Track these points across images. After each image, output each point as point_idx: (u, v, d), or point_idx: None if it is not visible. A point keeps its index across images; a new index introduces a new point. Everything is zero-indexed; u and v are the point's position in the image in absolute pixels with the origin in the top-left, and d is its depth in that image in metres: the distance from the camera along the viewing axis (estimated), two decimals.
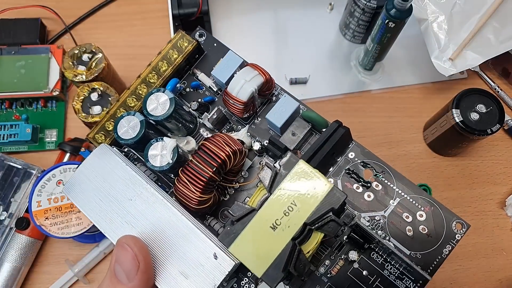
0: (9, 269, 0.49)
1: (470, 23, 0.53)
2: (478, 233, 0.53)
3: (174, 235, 0.32)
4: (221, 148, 0.34)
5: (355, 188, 0.37)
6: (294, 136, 0.38)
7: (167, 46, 0.40)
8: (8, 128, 0.55)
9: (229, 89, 0.37)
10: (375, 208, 0.36)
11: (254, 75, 0.37)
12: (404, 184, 0.37)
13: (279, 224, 0.31)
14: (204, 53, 0.42)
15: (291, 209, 0.31)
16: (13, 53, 0.57)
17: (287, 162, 0.33)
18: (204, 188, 0.34)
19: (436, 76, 0.56)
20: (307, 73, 0.59)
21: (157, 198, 0.33)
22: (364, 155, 0.38)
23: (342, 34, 0.62)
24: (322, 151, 0.36)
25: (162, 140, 0.34)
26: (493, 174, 0.55)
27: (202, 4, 0.53)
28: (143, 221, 0.33)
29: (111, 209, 0.33)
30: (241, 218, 0.32)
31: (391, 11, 0.47)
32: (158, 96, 0.35)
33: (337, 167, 0.38)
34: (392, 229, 0.36)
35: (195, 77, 0.42)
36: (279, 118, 0.37)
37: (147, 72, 0.40)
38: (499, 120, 0.49)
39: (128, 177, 0.34)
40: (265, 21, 0.63)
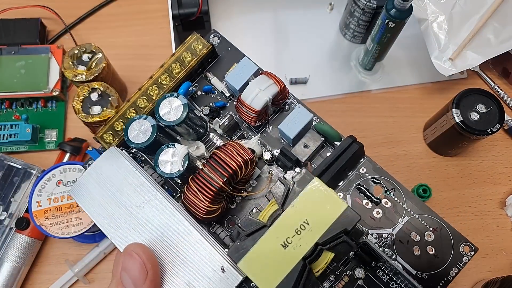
0: (9, 269, 0.49)
1: (470, 23, 0.53)
2: (478, 233, 0.53)
3: (182, 245, 0.32)
4: (233, 158, 0.34)
5: (365, 204, 0.37)
6: (306, 149, 0.37)
7: (181, 48, 0.39)
8: (8, 128, 0.55)
9: (243, 97, 0.37)
10: (384, 226, 0.36)
11: (269, 84, 0.36)
12: (414, 202, 0.36)
13: (290, 242, 0.30)
14: (218, 56, 0.42)
15: (303, 228, 0.30)
16: (13, 53, 0.57)
17: (302, 178, 0.32)
18: (213, 198, 0.33)
19: (436, 76, 0.56)
20: (307, 73, 0.59)
21: (166, 206, 0.33)
22: (375, 171, 0.37)
23: (342, 34, 0.62)
24: (335, 166, 0.35)
25: (173, 146, 0.33)
26: (493, 174, 0.55)
27: (202, 4, 0.53)
28: (151, 229, 0.32)
29: (119, 214, 0.33)
30: (252, 233, 0.31)
31: (391, 11, 0.47)
32: (171, 101, 0.35)
33: (347, 181, 0.37)
34: (399, 248, 0.36)
35: (208, 81, 0.41)
36: (292, 129, 0.37)
37: (159, 74, 0.39)
38: (499, 120, 0.49)
39: (137, 183, 0.33)
40: (265, 21, 0.63)
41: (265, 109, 0.37)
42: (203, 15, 0.54)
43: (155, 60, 0.61)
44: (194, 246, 0.32)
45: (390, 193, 0.37)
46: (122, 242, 0.32)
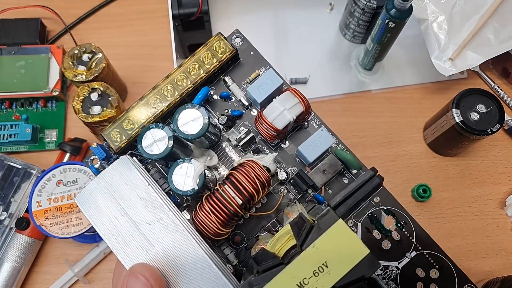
0: (9, 269, 0.49)
1: (470, 23, 0.53)
2: (478, 233, 0.53)
3: (191, 269, 0.30)
4: (251, 181, 0.32)
5: (375, 234, 0.36)
6: (324, 174, 0.36)
7: (202, 48, 0.37)
8: (8, 128, 0.55)
9: (265, 113, 0.35)
10: (391, 258, 0.36)
11: (294, 104, 0.35)
12: (424, 238, 0.36)
13: (307, 283, 0.29)
14: (239, 60, 0.39)
15: (322, 270, 0.29)
16: (13, 53, 0.57)
17: (326, 219, 0.30)
18: (226, 221, 0.32)
19: (436, 76, 0.56)
20: (307, 73, 0.59)
21: (178, 227, 0.31)
22: (389, 201, 0.37)
23: (342, 34, 0.62)
24: (353, 198, 0.34)
25: (189, 161, 0.32)
26: (493, 174, 0.55)
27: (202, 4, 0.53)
28: (159, 249, 0.31)
29: (127, 230, 0.31)
30: (267, 269, 0.29)
31: (391, 11, 0.47)
32: (191, 113, 0.33)
33: (360, 209, 0.37)
34: (404, 282, 0.35)
35: (226, 86, 0.39)
36: (311, 153, 0.36)
37: (176, 74, 0.37)
38: (499, 120, 0.49)
39: (149, 199, 0.31)
40: (265, 21, 0.63)
41: (286, 127, 0.36)
42: (203, 15, 0.54)
43: (155, 60, 0.61)
44: (204, 272, 0.30)
45: (401, 226, 0.37)
46: (128, 259, 0.31)
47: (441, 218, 0.53)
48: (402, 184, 0.55)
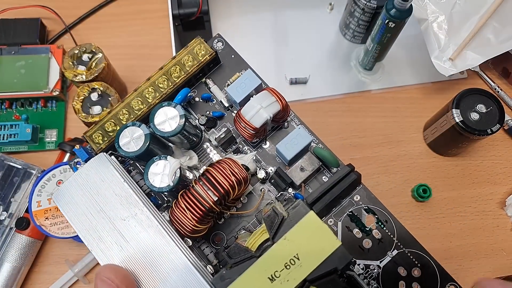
0: (9, 269, 0.49)
1: (470, 23, 0.53)
2: (478, 233, 0.53)
3: (165, 265, 0.30)
4: (226, 177, 0.32)
5: (355, 232, 0.36)
6: (302, 172, 0.36)
7: (183, 51, 0.38)
8: (8, 128, 0.55)
9: (242, 112, 0.35)
10: (372, 257, 0.36)
11: (271, 102, 0.35)
12: (405, 237, 0.36)
13: (278, 276, 0.29)
14: (220, 63, 0.40)
15: (293, 263, 0.29)
16: (13, 53, 0.57)
17: (297, 211, 0.30)
18: (201, 218, 0.32)
19: (436, 76, 0.56)
20: (307, 73, 0.59)
21: (152, 223, 0.31)
22: (369, 200, 0.37)
23: (342, 34, 0.62)
24: (330, 194, 0.35)
25: (165, 159, 0.32)
26: (493, 174, 0.55)
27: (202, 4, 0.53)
28: (134, 245, 0.31)
29: (102, 226, 0.31)
30: (239, 263, 0.30)
31: (391, 11, 0.47)
32: (168, 111, 0.33)
33: (340, 208, 0.37)
34: (385, 281, 0.35)
35: (207, 88, 0.40)
36: (289, 151, 0.36)
37: (157, 76, 0.38)
38: (499, 120, 0.49)
39: (124, 195, 0.32)
40: (265, 21, 0.63)
41: (264, 126, 0.36)
42: (203, 15, 0.54)
43: (155, 60, 0.61)
44: (177, 267, 0.30)
45: (382, 225, 0.36)
46: (103, 256, 0.31)
47: (441, 218, 0.53)
48: (402, 184, 0.55)
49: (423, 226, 0.53)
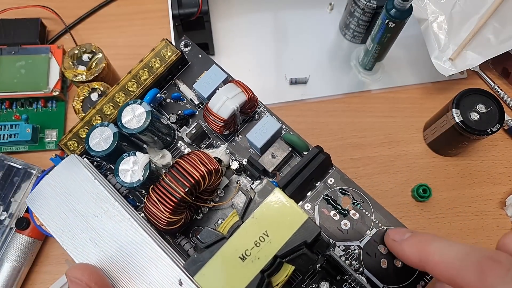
0: (9, 269, 0.49)
1: (470, 23, 0.53)
2: (478, 233, 0.53)
3: (140, 257, 0.31)
4: (196, 167, 0.32)
5: (332, 215, 0.36)
6: (274, 158, 0.37)
7: (149, 54, 0.39)
8: (8, 128, 0.55)
9: (210, 104, 0.36)
10: (351, 238, 0.36)
11: (237, 93, 0.36)
12: (382, 214, 0.36)
13: (249, 255, 0.29)
14: (188, 64, 0.41)
15: (263, 240, 0.30)
16: (13, 53, 0.57)
17: (263, 189, 0.31)
18: (174, 208, 0.32)
19: (436, 76, 0.56)
20: (307, 73, 0.59)
21: (124, 217, 0.32)
22: (343, 181, 0.37)
23: (342, 34, 0.62)
24: (300, 176, 0.35)
25: (134, 154, 0.33)
26: (493, 174, 0.55)
27: (202, 4, 0.53)
28: (108, 240, 0.31)
29: (75, 224, 0.32)
30: (210, 245, 0.30)
31: (391, 11, 0.47)
32: (134, 108, 0.34)
33: (315, 192, 0.37)
34: (367, 260, 0.35)
35: (177, 88, 0.40)
36: (259, 139, 0.36)
37: (126, 80, 0.38)
38: (499, 120, 0.49)
39: (95, 192, 0.32)
40: (265, 21, 0.63)
41: (233, 117, 0.37)
42: (203, 15, 0.54)
43: None
44: (152, 258, 0.31)
45: (358, 205, 0.36)
46: (77, 253, 0.31)
47: (441, 218, 0.53)
48: (402, 184, 0.55)
49: (423, 226, 0.53)
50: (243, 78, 0.38)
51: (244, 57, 0.61)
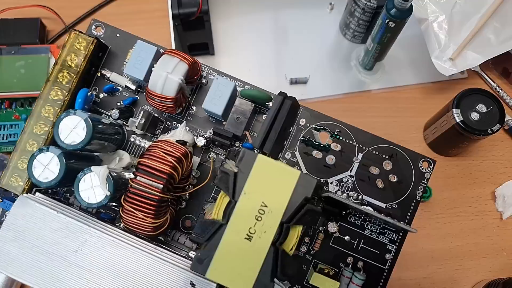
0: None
1: (470, 23, 0.53)
2: (478, 233, 0.53)
3: (141, 273, 0.28)
4: (163, 160, 0.29)
5: (315, 155, 0.35)
6: (239, 121, 0.34)
7: (62, 52, 0.34)
8: (8, 128, 0.54)
9: (150, 86, 0.32)
10: (340, 170, 0.35)
11: (175, 64, 0.32)
12: (363, 137, 0.35)
13: (254, 232, 0.28)
14: (108, 48, 0.37)
15: (263, 212, 0.28)
16: (13, 53, 0.57)
17: (245, 160, 0.28)
18: (156, 212, 0.30)
19: (437, 76, 0.56)
20: (307, 73, 0.59)
21: (107, 240, 0.29)
22: (315, 118, 0.36)
23: (342, 34, 0.62)
24: (274, 129, 0.33)
25: (89, 170, 0.29)
26: (494, 174, 0.55)
27: (202, 4, 0.53)
28: (98, 270, 0.28)
29: (55, 267, 0.28)
30: (210, 237, 0.28)
31: (391, 10, 0.47)
32: (69, 121, 0.30)
33: (290, 138, 0.35)
34: (362, 186, 0.35)
35: (106, 79, 0.36)
36: (217, 105, 0.33)
37: (47, 90, 0.34)
38: (499, 120, 0.49)
39: (64, 226, 0.29)
40: (265, 21, 0.63)
41: (181, 92, 0.33)
42: (203, 15, 0.54)
43: None
44: (154, 270, 0.28)
45: (337, 135, 0.35)
46: None
47: (442, 218, 0.53)
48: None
49: (424, 226, 0.53)
50: (243, 78, 0.37)
51: (244, 57, 0.61)
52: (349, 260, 0.34)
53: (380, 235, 0.35)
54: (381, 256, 0.35)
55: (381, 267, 0.35)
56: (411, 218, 0.35)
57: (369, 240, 0.34)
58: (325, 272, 0.34)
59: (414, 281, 0.52)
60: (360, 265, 0.34)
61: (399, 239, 0.35)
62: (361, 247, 0.35)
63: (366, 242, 0.35)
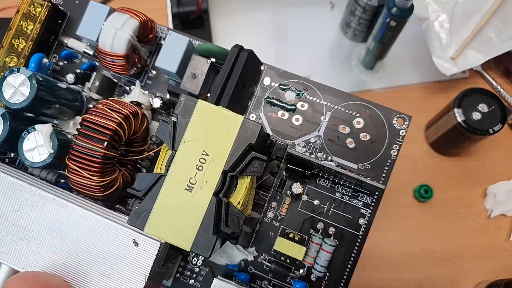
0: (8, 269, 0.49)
1: (471, 22, 0.53)
2: (480, 234, 0.52)
3: (81, 234, 0.27)
4: (108, 117, 0.28)
5: (281, 115, 0.34)
6: (196, 78, 0.32)
7: (16, 17, 0.34)
8: None
9: (100, 45, 0.31)
10: (307, 131, 0.33)
11: (125, 20, 0.31)
12: (332, 94, 0.33)
13: (194, 182, 0.26)
14: (67, 15, 0.36)
15: (204, 161, 0.26)
16: None
17: (184, 107, 0.27)
18: (101, 170, 0.28)
19: (438, 75, 0.56)
20: (308, 72, 0.59)
21: (48, 199, 0.27)
22: (280, 76, 0.34)
23: (343, 33, 0.62)
24: (229, 84, 0.31)
25: (34, 129, 0.28)
26: (495, 174, 0.55)
27: (201, 3, 0.52)
28: (40, 230, 0.27)
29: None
30: (149, 190, 0.26)
31: (392, 9, 0.47)
32: (13, 79, 0.29)
33: (255, 99, 0.34)
34: (332, 147, 0.33)
35: (65, 46, 0.35)
36: (171, 62, 0.32)
37: (2, 56, 0.33)
38: (501, 120, 0.48)
39: (4, 185, 0.28)
40: (265, 19, 0.62)
41: (133, 50, 0.32)
42: (202, 14, 0.53)
43: None
44: (95, 229, 0.27)
45: (303, 94, 0.34)
46: (14, 259, 0.27)
47: (443, 218, 0.53)
48: (404, 184, 0.54)
49: (425, 226, 0.53)
50: None
51: None
52: (319, 225, 0.32)
53: (353, 199, 0.32)
54: (354, 221, 0.32)
55: (355, 233, 0.32)
56: (386, 179, 0.32)
57: (341, 203, 0.32)
58: (290, 237, 0.31)
59: (414, 282, 0.52)
60: (332, 231, 0.32)
61: (374, 203, 0.32)
62: (332, 211, 0.32)
63: (337, 207, 0.32)
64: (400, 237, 0.53)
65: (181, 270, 0.33)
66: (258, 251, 0.32)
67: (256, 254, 0.32)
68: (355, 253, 0.32)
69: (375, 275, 0.52)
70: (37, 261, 0.27)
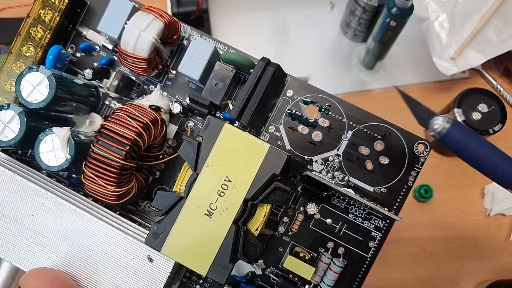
0: (7, 269, 0.49)
1: (471, 22, 0.53)
2: (480, 234, 0.52)
3: (96, 245, 0.27)
4: (128, 125, 0.27)
5: (301, 130, 0.32)
6: (218, 87, 0.31)
7: (35, 5, 0.32)
8: None
9: (122, 45, 0.30)
10: (327, 148, 0.32)
11: (149, 21, 0.29)
12: (355, 113, 0.32)
13: (215, 208, 0.26)
14: (87, 4, 0.34)
15: (226, 187, 0.26)
16: None
17: (210, 129, 0.26)
18: (118, 179, 0.28)
19: (438, 75, 0.56)
20: (308, 72, 0.59)
21: (64, 206, 0.27)
22: (304, 89, 0.33)
23: (343, 33, 0.62)
24: (254, 98, 0.30)
25: (51, 131, 0.27)
26: None
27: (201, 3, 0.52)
28: (54, 237, 0.27)
29: (11, 232, 0.27)
30: (168, 211, 0.26)
31: (392, 9, 0.47)
32: (32, 77, 0.28)
33: (276, 110, 0.32)
34: (350, 167, 0.32)
35: (84, 37, 0.34)
36: (194, 69, 0.30)
37: (18, 45, 0.32)
38: (501, 120, 0.48)
39: (20, 189, 0.27)
40: (265, 19, 0.62)
41: (156, 52, 0.31)
42: (202, 14, 0.53)
43: None
44: (111, 241, 0.27)
45: (326, 110, 0.32)
46: (27, 262, 0.27)
47: (443, 218, 0.53)
48: None
49: (425, 226, 0.53)
50: None
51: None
52: (329, 245, 0.32)
53: (365, 221, 0.32)
54: (364, 243, 0.32)
55: (363, 255, 0.32)
56: (401, 205, 0.32)
57: (353, 225, 0.32)
58: (300, 256, 0.31)
59: (414, 281, 0.52)
60: (341, 251, 0.32)
61: (386, 227, 0.32)
62: (344, 232, 0.32)
63: (349, 227, 0.32)
64: (400, 237, 0.53)
65: (188, 275, 0.33)
66: (266, 263, 0.32)
67: (264, 267, 0.32)
68: (362, 274, 0.32)
69: (375, 274, 0.52)
70: (50, 267, 0.27)
